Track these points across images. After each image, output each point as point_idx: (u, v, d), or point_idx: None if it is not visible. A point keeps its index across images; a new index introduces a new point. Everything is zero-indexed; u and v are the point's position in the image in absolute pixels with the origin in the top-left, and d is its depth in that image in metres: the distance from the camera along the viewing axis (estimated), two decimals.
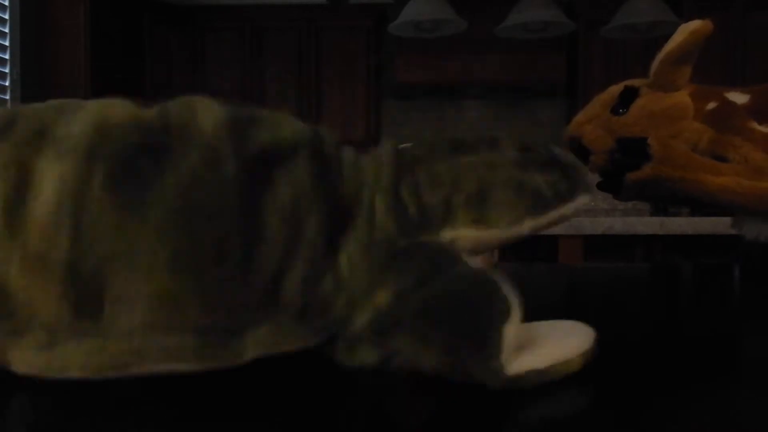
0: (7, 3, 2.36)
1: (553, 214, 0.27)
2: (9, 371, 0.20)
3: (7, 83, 2.37)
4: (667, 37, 2.19)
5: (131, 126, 0.21)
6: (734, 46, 2.95)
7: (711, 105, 0.48)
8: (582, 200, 0.28)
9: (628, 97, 0.50)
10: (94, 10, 2.61)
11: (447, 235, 0.25)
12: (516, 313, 0.21)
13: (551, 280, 0.52)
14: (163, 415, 0.19)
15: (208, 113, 0.22)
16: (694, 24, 0.46)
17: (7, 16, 2.37)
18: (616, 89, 0.52)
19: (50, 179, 0.20)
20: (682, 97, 0.49)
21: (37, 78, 2.53)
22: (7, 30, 2.37)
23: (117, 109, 0.22)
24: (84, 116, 0.21)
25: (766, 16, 2.97)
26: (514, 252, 2.18)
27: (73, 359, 0.20)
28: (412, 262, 0.22)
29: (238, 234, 0.21)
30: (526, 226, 0.27)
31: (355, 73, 3.25)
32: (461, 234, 0.26)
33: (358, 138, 3.24)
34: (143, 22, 3.15)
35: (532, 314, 0.37)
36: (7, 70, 2.37)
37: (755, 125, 0.47)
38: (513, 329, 0.21)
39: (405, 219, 0.24)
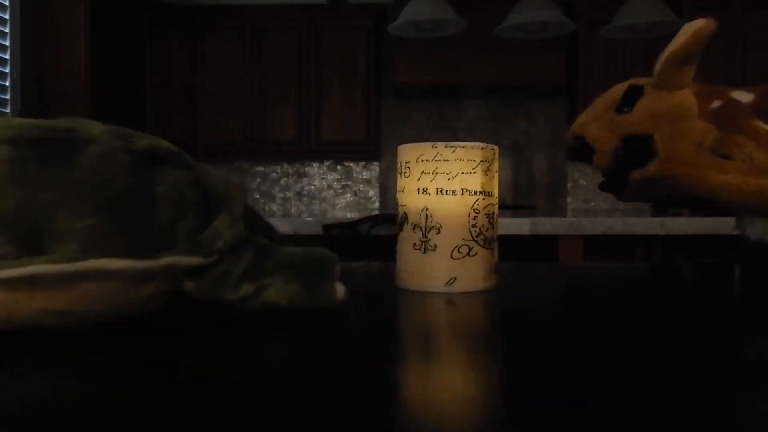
0: (7, 3, 2.36)
1: None
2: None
3: (7, 83, 2.37)
4: (667, 37, 2.19)
5: (45, 126, 0.30)
6: (734, 46, 2.96)
7: (715, 104, 0.48)
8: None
9: (633, 96, 0.50)
10: (94, 10, 2.61)
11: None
12: (338, 264, 0.35)
13: (551, 280, 0.52)
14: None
15: (93, 125, 0.31)
16: (698, 23, 0.46)
17: (7, 16, 2.37)
18: (619, 89, 0.52)
19: None
20: (687, 96, 0.49)
21: (37, 78, 2.53)
22: (7, 30, 2.37)
23: (31, 120, 0.30)
24: (5, 123, 0.29)
25: (766, 16, 2.97)
26: (514, 252, 2.18)
27: (30, 264, 0.26)
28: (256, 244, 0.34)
29: (139, 195, 0.30)
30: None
31: (355, 73, 3.25)
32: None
33: (358, 138, 3.24)
34: (143, 22, 3.15)
35: (532, 314, 0.37)
36: (7, 70, 2.37)
37: (760, 124, 0.47)
38: (338, 271, 0.35)
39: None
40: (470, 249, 0.45)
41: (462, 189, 0.46)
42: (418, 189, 0.46)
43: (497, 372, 0.24)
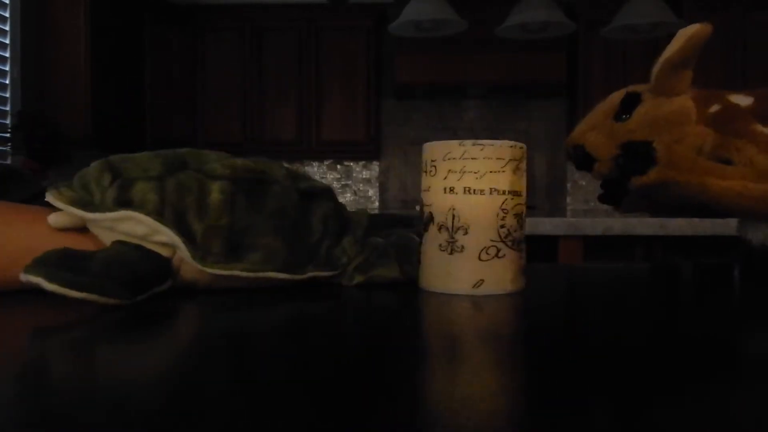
0: (7, 2, 2.36)
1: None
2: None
3: (7, 82, 2.37)
4: (667, 38, 2.19)
5: (251, 168, 0.43)
6: (734, 46, 2.96)
7: (714, 108, 0.48)
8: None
9: (631, 103, 0.50)
10: (94, 10, 2.61)
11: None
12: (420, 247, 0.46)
13: (551, 280, 0.52)
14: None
15: (278, 168, 0.45)
16: (693, 28, 0.46)
17: (7, 15, 2.37)
18: (617, 96, 0.52)
19: (216, 190, 0.41)
20: (685, 101, 0.49)
21: (37, 77, 2.53)
22: (7, 29, 2.37)
23: (236, 159, 0.44)
24: (228, 163, 0.43)
25: (766, 16, 2.97)
26: None
27: (234, 268, 0.41)
28: (370, 246, 0.48)
29: (301, 223, 0.44)
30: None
31: (355, 73, 3.25)
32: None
33: (358, 138, 3.24)
34: (143, 22, 3.15)
35: (532, 313, 0.37)
36: (7, 69, 2.37)
37: (759, 127, 0.47)
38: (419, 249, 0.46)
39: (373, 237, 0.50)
40: (498, 250, 0.44)
41: (490, 188, 0.44)
42: (445, 188, 0.45)
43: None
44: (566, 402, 0.21)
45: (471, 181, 0.45)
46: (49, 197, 0.40)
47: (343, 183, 3.58)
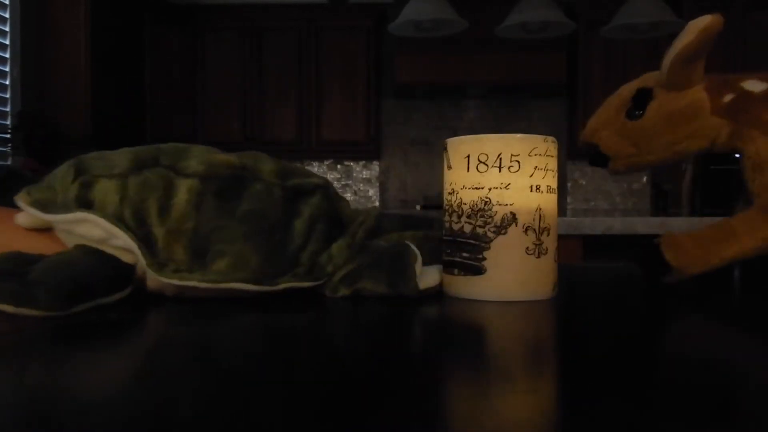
0: (7, 2, 2.36)
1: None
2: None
3: (7, 82, 2.37)
4: (667, 37, 2.18)
5: (231, 164, 0.39)
6: (734, 46, 2.95)
7: (728, 97, 0.48)
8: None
9: (643, 98, 0.50)
10: (94, 10, 2.61)
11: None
12: (419, 258, 0.42)
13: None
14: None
15: (267, 163, 0.41)
16: (705, 20, 0.45)
17: (7, 15, 2.37)
18: (627, 91, 0.51)
19: (183, 190, 0.37)
20: (698, 94, 0.48)
21: (37, 77, 2.53)
22: (7, 29, 2.37)
23: (219, 154, 0.40)
24: (204, 158, 0.39)
25: (766, 16, 2.96)
26: None
27: (192, 279, 0.36)
28: (369, 249, 0.43)
29: (281, 226, 0.39)
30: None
31: (355, 73, 3.25)
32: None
33: (358, 138, 3.24)
34: (143, 22, 3.15)
35: (532, 313, 0.37)
36: (7, 69, 2.37)
37: None
38: (419, 266, 0.41)
39: (375, 241, 0.44)
40: (557, 250, 0.44)
41: (551, 187, 0.43)
42: (531, 186, 0.41)
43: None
44: (564, 400, 0.20)
45: (551, 179, 0.42)
46: (17, 197, 0.38)
47: (343, 183, 3.58)
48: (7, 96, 2.38)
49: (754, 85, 0.48)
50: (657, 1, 1.81)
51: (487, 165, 0.41)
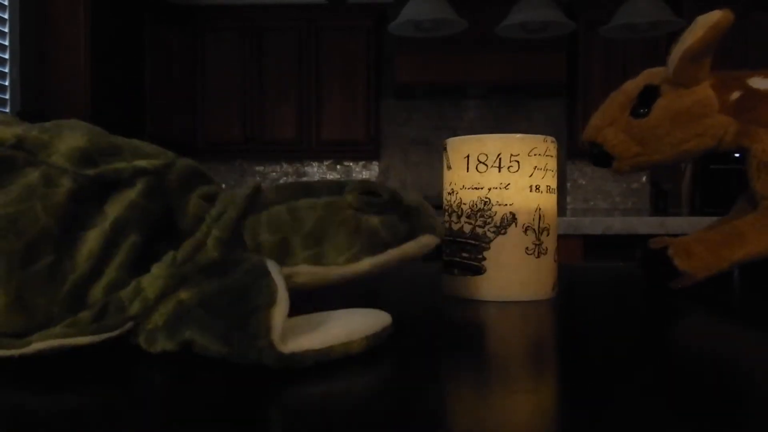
0: (6, 3, 2.36)
1: (393, 253, 0.30)
2: None
3: (6, 83, 2.37)
4: (667, 37, 2.18)
5: None
6: (734, 46, 2.95)
7: (735, 95, 0.47)
8: (424, 240, 0.31)
9: (649, 96, 0.49)
10: (94, 10, 2.61)
11: (285, 270, 0.29)
12: (282, 296, 0.24)
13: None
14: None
15: (71, 137, 0.26)
16: (715, 16, 0.44)
17: (6, 16, 2.37)
18: (632, 88, 0.50)
19: None
20: (705, 91, 0.47)
21: (37, 78, 2.53)
22: (6, 30, 2.37)
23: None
24: None
25: (766, 16, 2.96)
26: None
27: None
28: (215, 270, 0.26)
29: (51, 244, 0.24)
30: (365, 264, 0.30)
31: (355, 73, 3.25)
32: (298, 270, 0.29)
33: (358, 138, 3.24)
34: (143, 22, 3.15)
35: (532, 313, 0.37)
36: (6, 70, 2.37)
37: None
38: (281, 310, 0.24)
39: (237, 253, 0.28)
40: (557, 250, 0.44)
41: (551, 187, 0.43)
42: (531, 186, 0.41)
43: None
44: (564, 400, 0.20)
45: (550, 179, 0.42)
46: None
47: None
48: (7, 97, 2.38)
49: (760, 83, 0.48)
50: (657, 0, 1.81)
51: (486, 165, 0.40)
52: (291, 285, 0.29)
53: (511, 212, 0.40)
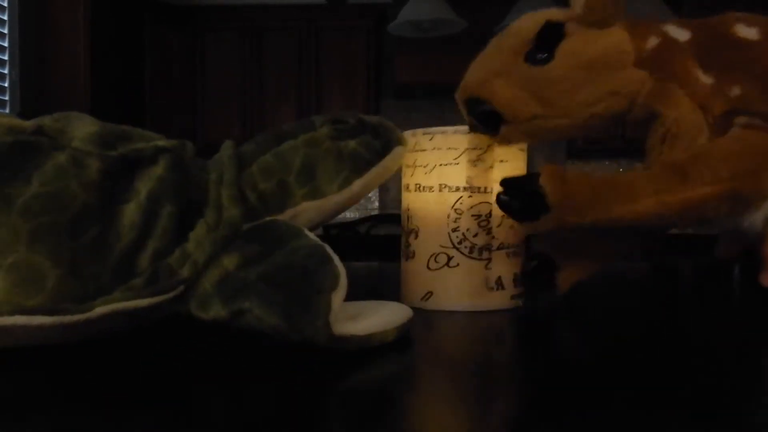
0: (6, 3, 2.36)
1: (377, 170, 0.33)
2: None
3: (6, 84, 2.37)
4: None
5: (8, 128, 0.26)
6: None
7: (652, 42, 0.38)
8: (398, 151, 0.35)
9: (550, 36, 0.37)
10: (94, 10, 2.60)
11: (288, 212, 0.31)
12: (343, 282, 0.26)
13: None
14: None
15: (84, 125, 0.28)
16: None
17: (6, 17, 2.37)
18: (526, 26, 0.38)
19: None
20: (620, 35, 0.38)
21: (37, 78, 2.53)
22: (6, 30, 2.37)
23: (6, 116, 0.26)
24: None
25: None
26: None
27: None
28: (258, 236, 0.28)
29: (97, 216, 0.25)
30: (357, 186, 0.32)
31: (355, 73, 3.24)
32: (301, 208, 0.32)
33: None
34: (143, 22, 3.15)
35: (532, 313, 0.37)
36: (6, 71, 2.37)
37: (699, 74, 0.38)
38: (341, 295, 0.25)
39: (247, 206, 0.30)
40: (450, 258, 0.36)
41: (440, 185, 0.37)
42: (405, 186, 0.40)
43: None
44: (564, 400, 0.21)
45: (420, 177, 0.38)
46: None
47: None
48: (6, 98, 2.38)
49: (678, 33, 0.39)
50: (657, 0, 1.81)
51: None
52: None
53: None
